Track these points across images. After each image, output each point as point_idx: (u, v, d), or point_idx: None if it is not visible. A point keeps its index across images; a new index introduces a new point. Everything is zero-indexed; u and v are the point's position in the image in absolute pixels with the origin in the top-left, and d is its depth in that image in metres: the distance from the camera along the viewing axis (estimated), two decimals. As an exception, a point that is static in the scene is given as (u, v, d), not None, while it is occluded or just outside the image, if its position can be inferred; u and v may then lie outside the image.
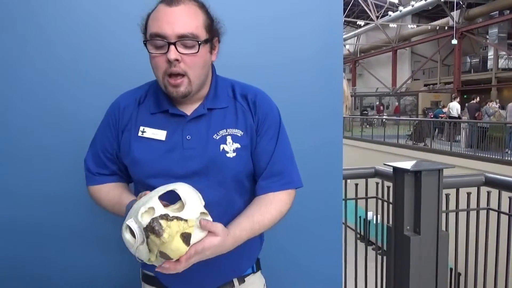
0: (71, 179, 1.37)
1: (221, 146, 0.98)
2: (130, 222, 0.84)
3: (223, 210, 0.97)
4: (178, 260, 0.84)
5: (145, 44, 0.94)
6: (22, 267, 1.43)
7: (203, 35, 0.94)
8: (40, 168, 1.40)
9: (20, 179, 1.40)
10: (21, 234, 1.42)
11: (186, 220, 0.82)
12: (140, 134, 0.99)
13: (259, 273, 1.13)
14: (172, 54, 0.90)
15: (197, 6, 0.95)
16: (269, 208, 1.00)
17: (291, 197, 1.05)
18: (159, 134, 0.99)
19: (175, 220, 0.81)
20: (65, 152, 1.40)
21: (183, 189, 0.88)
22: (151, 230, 0.80)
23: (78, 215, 1.41)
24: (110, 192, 1.05)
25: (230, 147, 0.98)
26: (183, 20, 0.91)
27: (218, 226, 0.88)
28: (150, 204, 0.84)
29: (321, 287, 1.66)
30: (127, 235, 0.85)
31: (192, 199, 0.86)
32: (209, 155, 0.98)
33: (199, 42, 0.92)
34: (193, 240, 0.84)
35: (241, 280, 1.08)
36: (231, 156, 0.98)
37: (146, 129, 0.99)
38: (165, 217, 0.81)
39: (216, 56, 1.02)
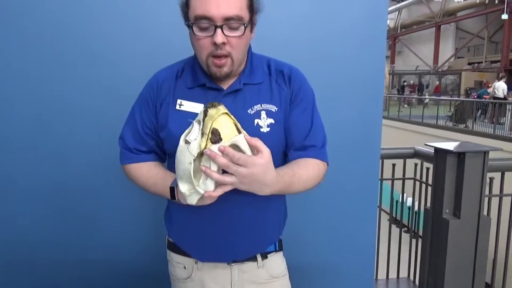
0: (110, 148, 1.39)
1: (255, 121, 0.98)
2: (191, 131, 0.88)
3: None
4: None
5: (189, 26, 0.93)
6: (60, 230, 1.49)
7: (246, 15, 0.93)
8: (82, 136, 1.44)
9: (63, 145, 1.44)
10: (60, 199, 1.47)
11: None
12: (177, 107, 1.00)
13: (281, 253, 1.14)
14: (220, 38, 0.90)
15: None
16: (308, 166, 1.00)
17: (324, 168, 1.05)
18: (197, 107, 0.99)
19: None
20: (102, 123, 1.43)
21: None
22: (205, 110, 0.85)
23: (115, 183, 1.45)
24: (152, 169, 1.05)
25: (264, 122, 0.98)
26: (228, 2, 0.89)
27: (266, 148, 0.86)
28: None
29: (352, 270, 1.63)
30: (182, 142, 0.88)
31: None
32: (244, 129, 0.96)
33: (245, 25, 0.92)
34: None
35: (264, 256, 1.08)
36: (265, 131, 0.98)
37: (184, 102, 1.00)
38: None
39: (254, 33, 1.01)
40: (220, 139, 0.84)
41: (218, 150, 0.82)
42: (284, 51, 1.24)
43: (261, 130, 0.98)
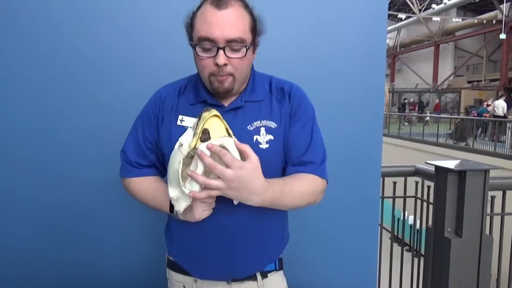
0: (111, 165, 1.39)
1: (255, 137, 0.99)
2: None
3: None
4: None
5: (193, 47, 0.96)
6: (59, 247, 1.48)
7: (249, 38, 0.95)
8: (82, 152, 1.44)
9: (64, 161, 1.44)
10: (59, 216, 1.47)
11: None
12: (179, 122, 1.01)
13: (281, 272, 1.13)
14: (221, 59, 0.92)
15: (243, 7, 0.96)
16: (303, 180, 0.99)
17: (322, 185, 1.03)
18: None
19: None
20: (101, 139, 1.43)
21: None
22: (199, 115, 0.89)
23: (116, 200, 1.45)
24: (152, 184, 1.06)
25: (263, 139, 0.99)
26: (232, 25, 0.92)
27: (255, 154, 0.88)
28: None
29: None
30: (176, 146, 0.91)
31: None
32: None
33: (247, 47, 0.94)
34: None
35: (264, 275, 1.07)
36: (264, 148, 0.99)
37: (185, 118, 1.01)
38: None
39: (256, 53, 1.03)
40: (209, 138, 0.86)
41: (206, 148, 0.84)
42: (286, 69, 1.26)
43: (260, 146, 0.98)
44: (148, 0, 1.41)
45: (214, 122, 0.88)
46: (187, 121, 1.00)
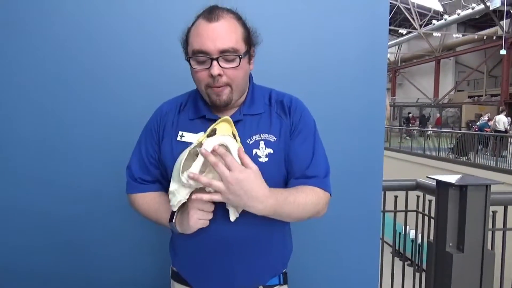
0: (114, 178, 1.40)
1: (254, 151, 0.99)
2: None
3: (253, 215, 0.95)
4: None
5: (188, 60, 0.98)
6: (63, 261, 1.48)
7: (242, 48, 0.96)
8: (85, 165, 1.45)
9: (66, 175, 1.44)
10: (62, 228, 1.47)
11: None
12: (179, 138, 1.03)
13: (285, 287, 1.12)
14: (215, 69, 0.93)
15: (235, 19, 0.97)
16: (306, 191, 0.99)
17: (325, 198, 1.03)
18: (197, 137, 1.00)
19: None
20: (104, 151, 1.44)
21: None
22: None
23: (120, 212, 1.45)
24: (155, 198, 1.07)
25: (262, 152, 1.00)
26: (223, 36, 0.93)
27: (254, 164, 0.89)
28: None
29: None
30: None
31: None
32: None
33: (240, 56, 0.95)
34: None
35: None
36: (263, 161, 0.99)
37: (185, 133, 1.03)
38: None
39: (253, 64, 1.04)
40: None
41: (210, 148, 0.87)
42: (287, 83, 1.27)
43: (260, 160, 0.99)
44: (155, 14, 1.43)
45: (223, 125, 0.93)
46: (187, 136, 1.02)
